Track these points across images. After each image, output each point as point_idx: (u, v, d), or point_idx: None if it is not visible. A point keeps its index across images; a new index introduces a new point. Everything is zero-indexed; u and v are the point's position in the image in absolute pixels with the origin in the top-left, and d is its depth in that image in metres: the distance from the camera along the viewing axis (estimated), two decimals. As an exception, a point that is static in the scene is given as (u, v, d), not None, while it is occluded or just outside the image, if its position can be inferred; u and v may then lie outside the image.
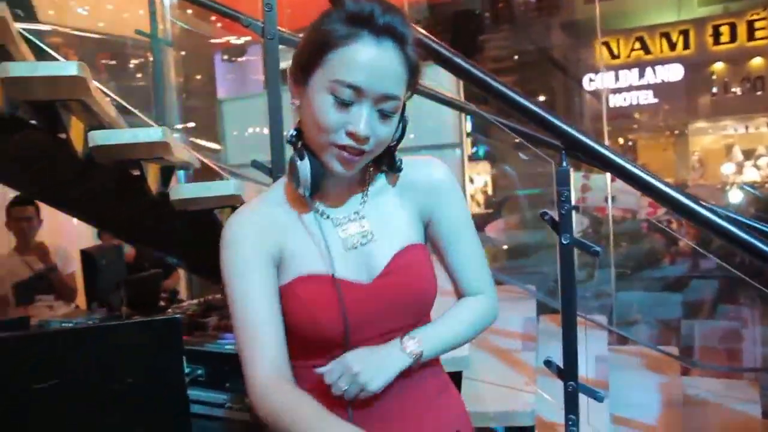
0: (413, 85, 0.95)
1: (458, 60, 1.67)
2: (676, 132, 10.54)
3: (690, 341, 4.11)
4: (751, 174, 8.89)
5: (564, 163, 1.68)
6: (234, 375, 2.20)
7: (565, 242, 1.67)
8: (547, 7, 8.53)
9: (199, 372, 2.20)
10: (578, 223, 4.28)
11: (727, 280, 4.49)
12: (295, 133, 0.98)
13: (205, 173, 2.96)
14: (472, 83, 1.71)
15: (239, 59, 6.04)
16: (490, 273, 1.10)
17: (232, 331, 2.75)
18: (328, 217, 0.99)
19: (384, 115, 0.91)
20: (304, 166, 0.94)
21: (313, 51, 0.91)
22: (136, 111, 2.04)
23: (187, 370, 2.08)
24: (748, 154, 9.49)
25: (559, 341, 2.47)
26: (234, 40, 5.75)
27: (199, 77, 5.98)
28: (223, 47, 5.99)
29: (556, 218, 1.69)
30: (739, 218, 1.94)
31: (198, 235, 1.94)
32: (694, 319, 4.36)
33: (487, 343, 2.39)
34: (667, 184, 1.58)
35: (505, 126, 2.22)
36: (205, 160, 2.22)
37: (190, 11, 4.80)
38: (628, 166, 1.61)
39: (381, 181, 1.04)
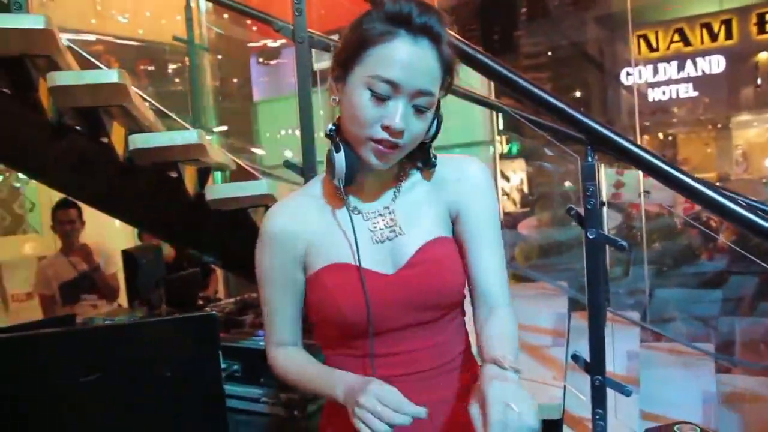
0: (448, 84, 1.00)
1: (481, 57, 1.70)
2: (718, 125, 10.26)
3: (727, 338, 4.03)
4: (799, 167, 8.61)
5: (589, 158, 1.69)
6: (268, 370, 2.28)
7: (591, 237, 1.69)
8: (582, 0, 8.41)
9: (235, 367, 2.27)
10: (612, 219, 4.23)
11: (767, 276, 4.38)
12: (333, 127, 1.03)
13: (241, 174, 3.04)
14: (497, 81, 1.74)
15: (273, 62, 6.14)
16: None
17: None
18: (359, 212, 1.04)
19: (419, 111, 0.95)
20: (340, 158, 0.98)
21: (353, 48, 0.96)
22: (173, 115, 2.12)
23: (223, 366, 2.15)
24: (794, 147, 9.20)
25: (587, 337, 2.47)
26: (270, 42, 5.84)
27: (235, 80, 6.10)
28: (258, 50, 6.09)
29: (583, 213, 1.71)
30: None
31: (233, 234, 2.01)
32: (733, 316, 4.28)
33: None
34: (695, 179, 1.58)
35: (530, 122, 2.23)
36: (239, 162, 2.28)
37: (226, 16, 4.91)
38: (654, 161, 1.61)
39: (415, 176, 1.08)
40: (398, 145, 0.95)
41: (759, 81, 9.32)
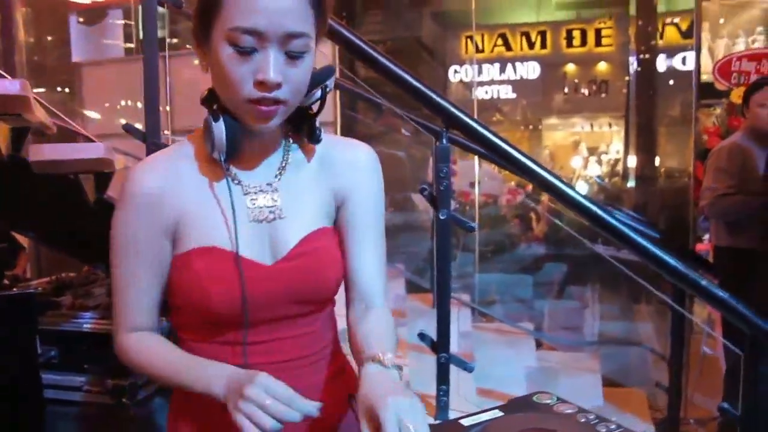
0: (323, 22, 0.89)
1: (345, 32, 1.67)
2: (531, 127, 11.22)
3: (541, 319, 4.45)
4: (594, 169, 9.71)
5: (444, 141, 1.73)
6: (94, 355, 2.07)
7: (442, 217, 1.73)
8: (418, -4, 8.72)
9: (53, 354, 2.05)
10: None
11: (574, 263, 4.91)
12: (206, 94, 0.91)
13: (61, 140, 2.72)
14: (358, 57, 1.72)
15: (98, 23, 5.60)
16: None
17: (89, 309, 2.56)
18: (239, 182, 0.93)
19: (293, 58, 0.84)
20: (219, 127, 0.87)
21: (206, 3, 0.85)
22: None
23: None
24: (592, 151, 10.36)
25: (426, 318, 2.57)
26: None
27: (50, 38, 5.47)
28: (77, 8, 5.51)
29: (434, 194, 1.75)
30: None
31: (57, 203, 1.79)
32: (545, 299, 4.73)
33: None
34: (541, 166, 1.68)
35: (379, 102, 2.25)
36: (72, 124, 2.03)
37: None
38: (506, 147, 1.69)
39: (298, 153, 0.99)
40: (279, 99, 0.85)
41: (566, 89, 10.32)
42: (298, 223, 0.95)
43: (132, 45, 5.59)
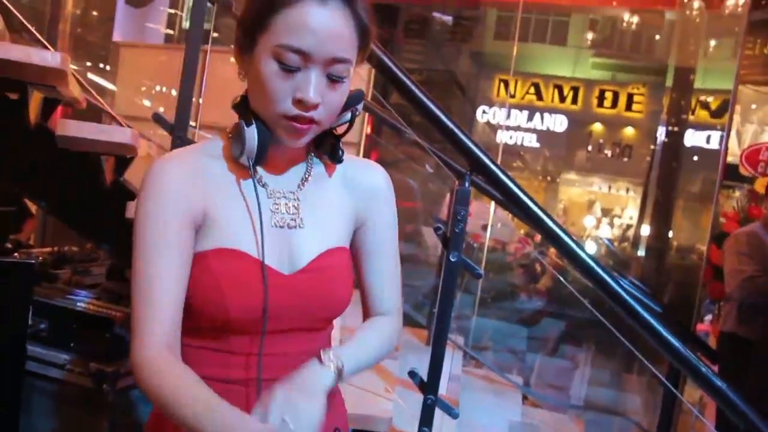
0: (365, 49, 0.90)
1: (383, 56, 1.66)
2: (549, 178, 11.25)
3: (530, 373, 4.40)
4: (605, 230, 9.69)
5: (467, 184, 1.72)
6: (82, 335, 2.05)
7: (453, 259, 1.71)
8: (460, 32, 8.81)
9: (42, 326, 2.03)
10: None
11: (573, 323, 4.87)
12: (239, 100, 0.92)
13: (89, 117, 2.74)
14: (392, 83, 1.71)
15: (144, 6, 5.68)
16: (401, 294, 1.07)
17: (85, 287, 2.55)
18: (264, 185, 0.93)
19: (334, 81, 0.85)
20: (251, 132, 0.87)
21: (256, 16, 0.85)
22: (32, 29, 1.84)
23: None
24: (606, 212, 10.35)
25: (417, 355, 2.53)
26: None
27: (95, 13, 5.55)
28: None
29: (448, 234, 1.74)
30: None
31: (76, 178, 1.79)
32: (538, 353, 4.69)
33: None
34: (561, 228, 1.67)
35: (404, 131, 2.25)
36: (103, 104, 2.04)
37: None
38: (530, 203, 1.68)
39: (320, 168, 0.99)
40: (314, 119, 0.86)
41: (590, 147, 10.36)
42: (317, 236, 0.95)
43: (172, 32, 5.66)
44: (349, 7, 0.85)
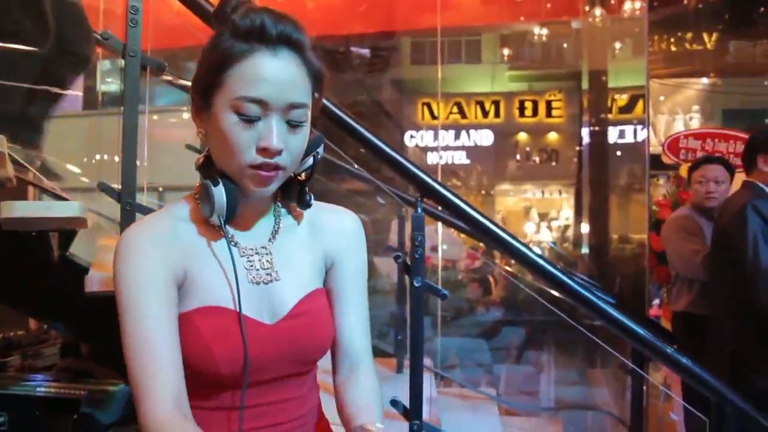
0: (319, 91, 0.94)
1: (329, 105, 1.71)
2: (483, 192, 11.50)
3: (500, 382, 4.46)
4: (545, 234, 9.97)
5: (419, 209, 1.77)
6: (47, 422, 1.96)
7: (417, 284, 1.75)
8: (379, 63, 8.98)
9: (1, 420, 1.94)
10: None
11: (531, 327, 4.98)
12: (203, 160, 0.94)
13: (18, 193, 2.65)
14: (336, 124, 1.75)
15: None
16: None
17: (39, 371, 2.45)
18: (236, 244, 0.95)
19: (293, 126, 0.88)
20: (219, 192, 0.88)
21: (211, 73, 0.88)
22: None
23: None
24: (543, 216, 10.65)
25: (390, 383, 2.54)
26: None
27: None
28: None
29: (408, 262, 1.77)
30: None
31: (21, 260, 1.73)
32: (504, 363, 4.76)
33: (324, 385, 2.39)
34: (514, 237, 1.73)
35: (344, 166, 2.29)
36: (41, 179, 1.99)
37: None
38: (478, 217, 1.74)
39: (288, 218, 1.02)
40: (279, 165, 0.88)
41: (518, 157, 10.67)
42: (293, 285, 0.97)
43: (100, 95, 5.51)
44: (299, 54, 0.89)
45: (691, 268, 2.98)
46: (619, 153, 7.29)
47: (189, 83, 1.02)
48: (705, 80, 7.60)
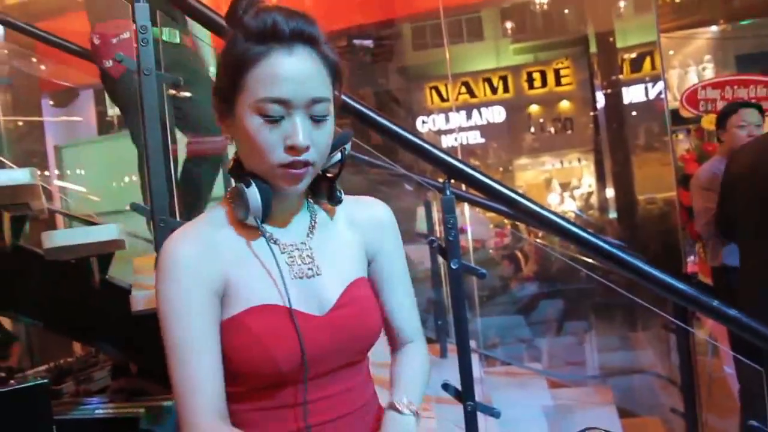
0: (339, 84, 0.94)
1: (351, 102, 1.71)
2: (501, 169, 11.42)
3: (544, 357, 4.44)
4: (569, 204, 9.87)
5: (448, 192, 1.77)
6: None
7: (454, 267, 1.75)
8: (383, 52, 8.94)
9: (65, 444, 1.98)
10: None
11: (568, 298, 4.95)
12: (233, 164, 0.95)
13: (49, 223, 2.70)
14: (362, 121, 1.76)
15: (70, 105, 5.63)
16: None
17: (93, 394, 2.50)
18: (275, 241, 0.96)
19: (317, 121, 0.89)
20: (253, 193, 0.90)
21: (229, 79, 0.89)
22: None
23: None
24: (565, 186, 10.54)
25: (437, 368, 2.54)
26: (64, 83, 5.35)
27: (21, 123, 5.48)
28: (50, 90, 5.54)
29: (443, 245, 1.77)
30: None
31: (65, 287, 1.77)
32: (544, 337, 4.74)
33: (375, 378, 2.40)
34: (544, 208, 1.72)
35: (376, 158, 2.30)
36: (82, 212, 2.02)
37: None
38: (508, 192, 1.73)
39: (323, 214, 1.03)
40: (308, 162, 0.89)
41: (532, 129, 10.58)
42: (335, 277, 0.98)
43: (110, 119, 5.60)
44: (314, 48, 0.89)
45: (703, 229, 2.96)
46: (634, 113, 7.19)
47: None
48: (714, 28, 7.43)
